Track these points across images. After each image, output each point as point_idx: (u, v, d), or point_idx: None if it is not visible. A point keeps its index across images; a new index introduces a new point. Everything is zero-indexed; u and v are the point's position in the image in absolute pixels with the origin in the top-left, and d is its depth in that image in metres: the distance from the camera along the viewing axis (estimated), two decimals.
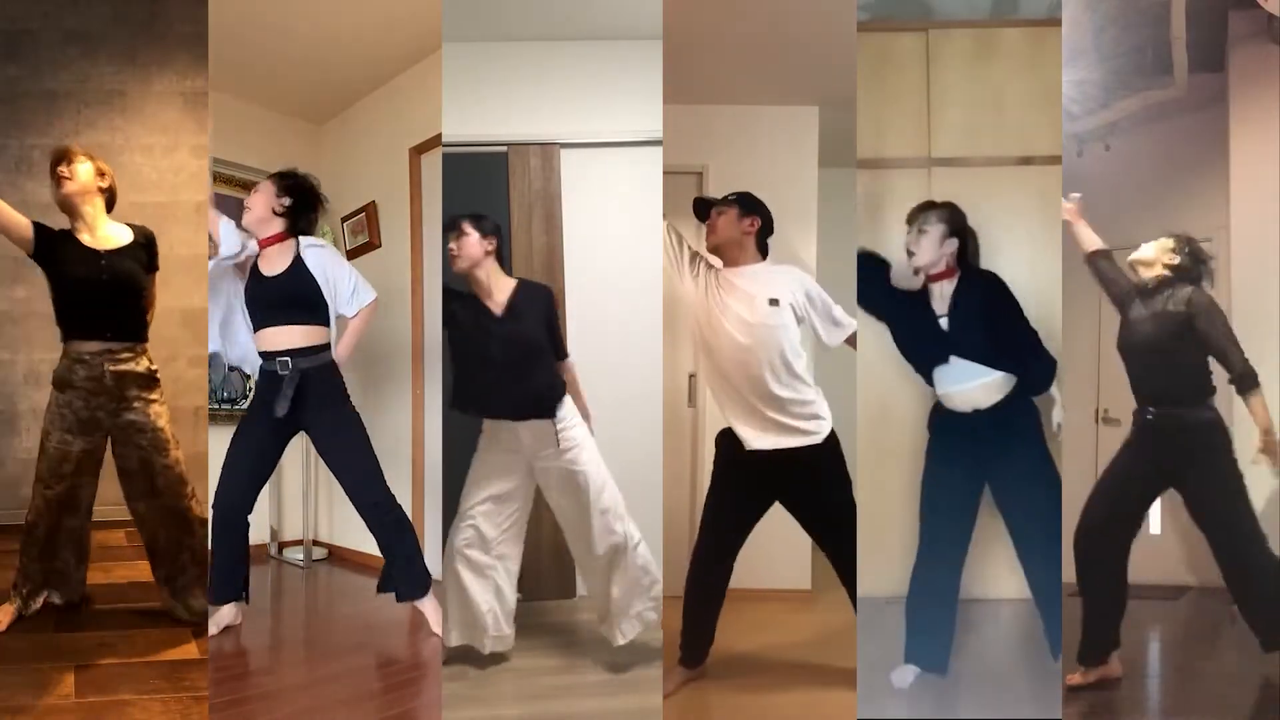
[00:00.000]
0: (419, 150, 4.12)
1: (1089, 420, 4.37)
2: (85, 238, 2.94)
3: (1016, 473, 2.77)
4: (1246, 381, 2.80)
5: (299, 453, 4.29)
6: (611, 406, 3.74)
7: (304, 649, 3.39)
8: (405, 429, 4.14)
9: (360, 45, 3.93)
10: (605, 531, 2.87)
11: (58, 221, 2.98)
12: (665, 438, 3.68)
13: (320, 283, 3.05)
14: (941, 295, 2.84)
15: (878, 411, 3.32)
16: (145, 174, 4.28)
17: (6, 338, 4.24)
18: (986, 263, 3.09)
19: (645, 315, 3.61)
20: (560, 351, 2.99)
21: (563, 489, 2.91)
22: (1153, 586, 3.93)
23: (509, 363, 2.82)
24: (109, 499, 3.01)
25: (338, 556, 4.49)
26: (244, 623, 3.18)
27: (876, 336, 3.03)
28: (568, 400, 2.92)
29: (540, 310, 2.91)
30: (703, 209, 2.87)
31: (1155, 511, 4.12)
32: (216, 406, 4.35)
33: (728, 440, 2.82)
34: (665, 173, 3.55)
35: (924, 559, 2.82)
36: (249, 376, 4.51)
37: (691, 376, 3.92)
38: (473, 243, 2.89)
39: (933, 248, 2.82)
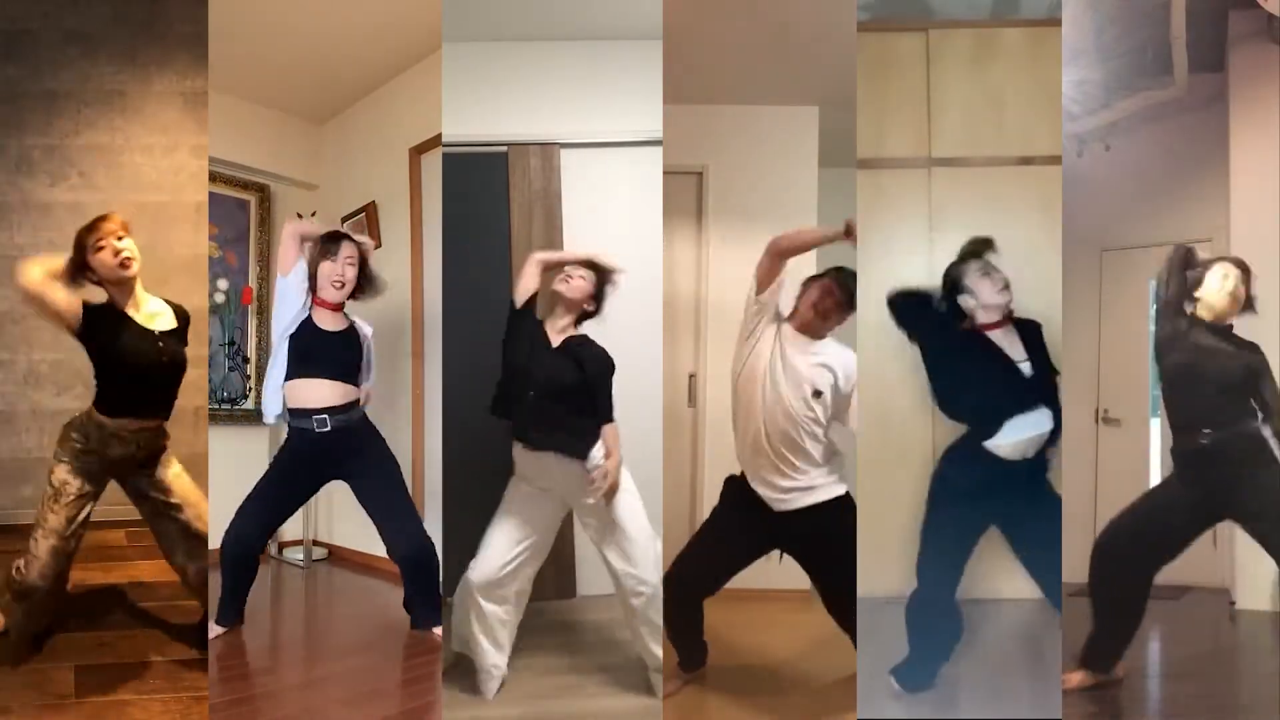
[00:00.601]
0: (419, 150, 4.11)
1: (1089, 420, 4.37)
2: (136, 315, 2.77)
3: (1026, 512, 2.76)
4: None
5: None
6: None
7: (304, 649, 3.39)
8: (405, 429, 4.14)
9: (360, 45, 3.93)
10: (637, 582, 2.78)
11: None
12: (665, 438, 3.68)
13: (363, 351, 3.16)
14: (1008, 342, 2.76)
15: (878, 412, 3.32)
16: (145, 174, 4.28)
17: (6, 338, 4.24)
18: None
19: (645, 315, 3.61)
20: (604, 414, 2.82)
21: (601, 535, 2.82)
22: (1153, 586, 3.93)
23: (549, 394, 2.76)
24: (110, 499, 3.00)
25: (338, 556, 4.49)
26: (244, 623, 3.18)
27: (877, 337, 3.03)
28: (599, 446, 2.78)
29: (591, 364, 2.80)
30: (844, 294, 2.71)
31: None
32: (216, 406, 4.36)
33: (737, 487, 2.80)
34: (665, 173, 3.55)
35: (927, 586, 2.77)
36: (248, 377, 4.52)
37: (691, 377, 3.92)
38: (587, 286, 2.87)
39: (993, 292, 2.75)
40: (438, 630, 3.16)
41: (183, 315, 2.89)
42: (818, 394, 2.67)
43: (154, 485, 2.82)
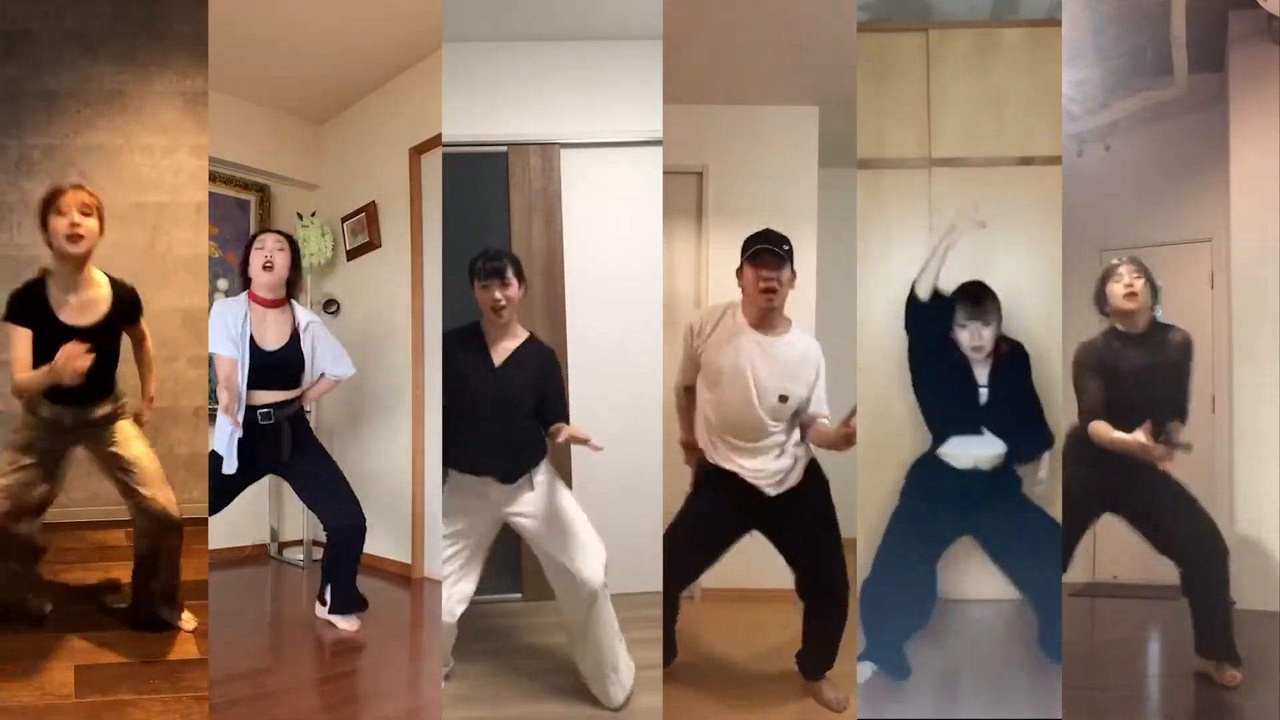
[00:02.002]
0: (419, 150, 4.11)
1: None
2: (67, 305, 2.76)
3: (1002, 527, 2.85)
4: (1183, 412, 2.87)
5: None
6: (611, 407, 3.74)
7: (303, 649, 3.39)
8: (405, 430, 4.14)
9: (360, 45, 3.93)
10: (582, 583, 2.71)
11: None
12: (665, 438, 3.68)
13: (308, 359, 3.23)
14: (982, 367, 2.89)
15: (878, 412, 3.31)
16: (145, 174, 4.27)
17: (4, 336, 4.24)
18: (986, 264, 3.10)
19: (645, 315, 3.61)
20: (557, 414, 2.77)
21: (537, 543, 2.79)
22: (1153, 586, 3.93)
23: (495, 414, 2.70)
24: (109, 499, 3.00)
25: None
26: (243, 622, 3.18)
27: (876, 337, 3.03)
28: (543, 465, 2.79)
29: (535, 370, 2.77)
30: (766, 257, 2.64)
31: None
32: (215, 406, 4.35)
33: (711, 471, 2.80)
34: (665, 173, 3.55)
35: (879, 571, 2.86)
36: None
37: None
38: (515, 295, 2.74)
39: (991, 338, 2.86)
40: (342, 623, 3.22)
41: (123, 294, 2.88)
42: (783, 399, 2.68)
43: (106, 457, 2.85)
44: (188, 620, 2.95)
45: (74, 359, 2.60)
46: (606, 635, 2.73)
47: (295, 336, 3.21)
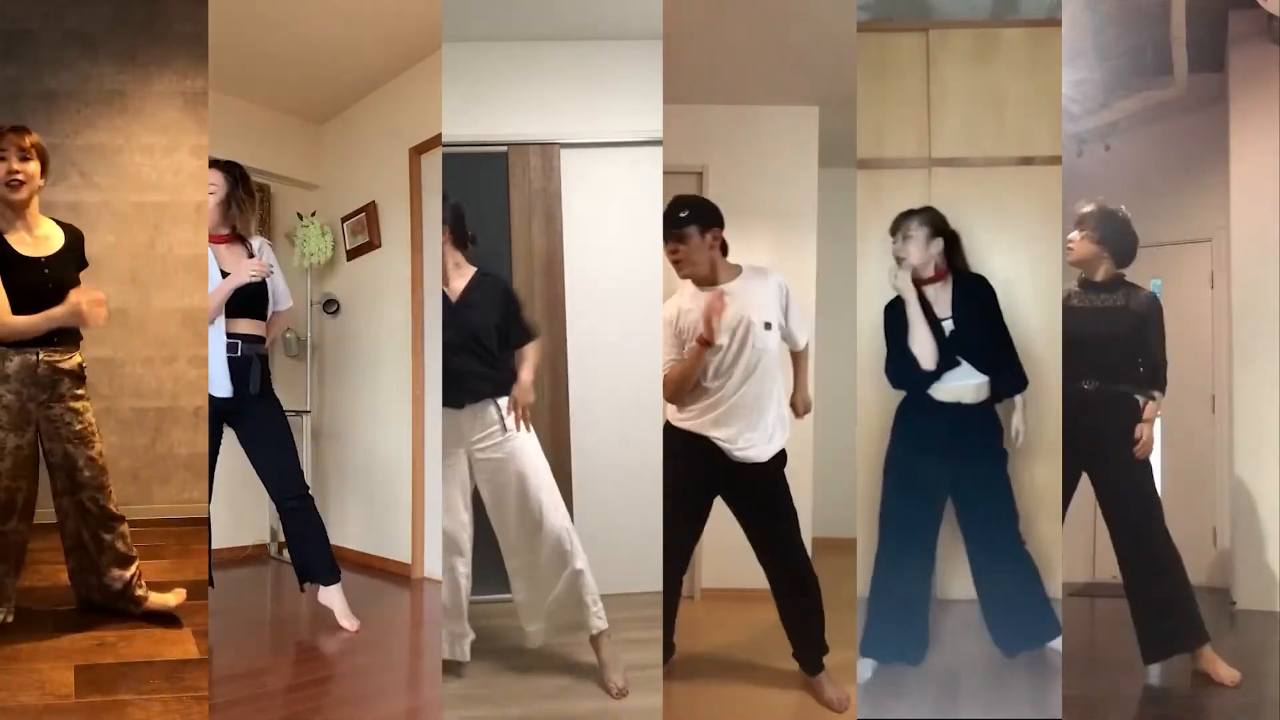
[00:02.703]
0: (419, 150, 4.11)
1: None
2: (22, 241, 2.78)
3: (976, 477, 2.87)
4: (1160, 383, 2.95)
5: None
6: (611, 406, 3.75)
7: (303, 649, 3.39)
8: (405, 430, 4.14)
9: (360, 45, 3.93)
10: (547, 535, 2.81)
11: None
12: (665, 444, 3.68)
13: (269, 287, 3.24)
14: (938, 299, 2.90)
15: (877, 412, 3.31)
16: (145, 174, 4.28)
17: None
18: (985, 264, 3.10)
19: (645, 314, 3.61)
20: (517, 339, 2.94)
21: (496, 483, 2.86)
22: None
23: (456, 349, 2.83)
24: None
25: (337, 556, 4.48)
26: (243, 622, 3.18)
27: (877, 340, 3.03)
28: (510, 392, 2.87)
29: (491, 300, 2.90)
30: (668, 232, 2.74)
31: None
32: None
33: (673, 433, 2.82)
34: (665, 173, 3.54)
35: (889, 551, 2.87)
36: None
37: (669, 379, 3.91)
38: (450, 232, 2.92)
39: (920, 250, 2.90)
40: (327, 591, 3.26)
41: (73, 234, 2.91)
42: (768, 325, 2.72)
43: (60, 419, 2.84)
44: (156, 600, 2.98)
45: (98, 303, 2.74)
46: (572, 603, 2.82)
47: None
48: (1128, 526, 2.91)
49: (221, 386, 3.09)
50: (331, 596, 3.27)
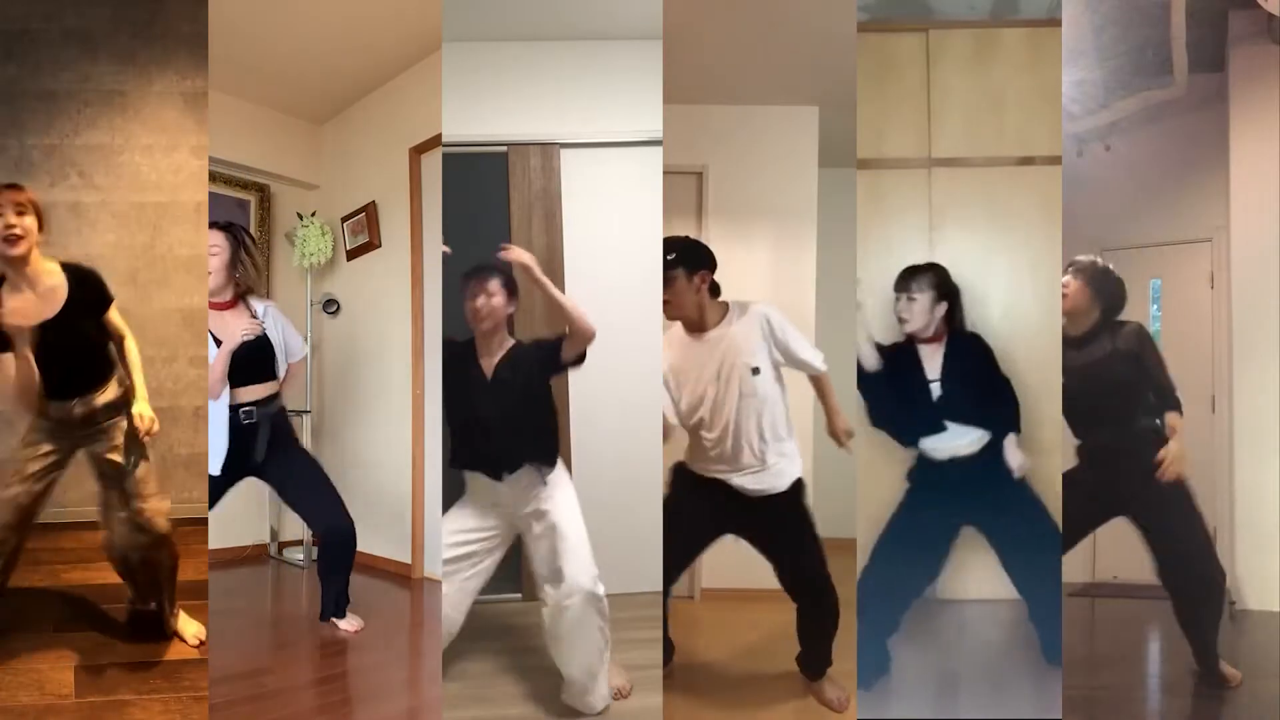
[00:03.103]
0: (419, 150, 4.11)
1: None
2: (23, 301, 2.66)
3: (999, 508, 2.82)
4: (1172, 403, 2.87)
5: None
6: (611, 406, 3.75)
7: (303, 649, 3.39)
8: (405, 430, 4.14)
9: (360, 45, 3.93)
10: (575, 579, 2.67)
11: None
12: (666, 438, 3.68)
13: (275, 345, 3.22)
14: (931, 359, 2.89)
15: None
16: (145, 174, 4.27)
17: None
18: (986, 264, 3.10)
19: (645, 315, 3.61)
20: (556, 367, 2.81)
21: (536, 536, 2.78)
22: (1153, 586, 3.92)
23: (497, 423, 2.73)
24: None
25: None
26: (243, 622, 3.18)
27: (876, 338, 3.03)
28: (558, 466, 2.80)
29: (530, 367, 2.77)
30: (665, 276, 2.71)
31: None
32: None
33: (684, 473, 2.81)
34: (665, 173, 3.55)
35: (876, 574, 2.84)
36: None
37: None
38: (500, 305, 2.77)
39: (924, 314, 2.87)
40: (344, 624, 3.25)
41: (79, 279, 2.74)
42: (756, 370, 2.67)
43: (107, 461, 2.77)
44: (192, 635, 2.89)
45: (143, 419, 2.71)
46: (590, 643, 2.68)
47: (263, 335, 3.21)
48: (1180, 558, 2.84)
49: (217, 465, 3.06)
50: (344, 622, 3.30)
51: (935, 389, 2.85)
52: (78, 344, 2.72)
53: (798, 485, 2.76)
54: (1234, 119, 3.98)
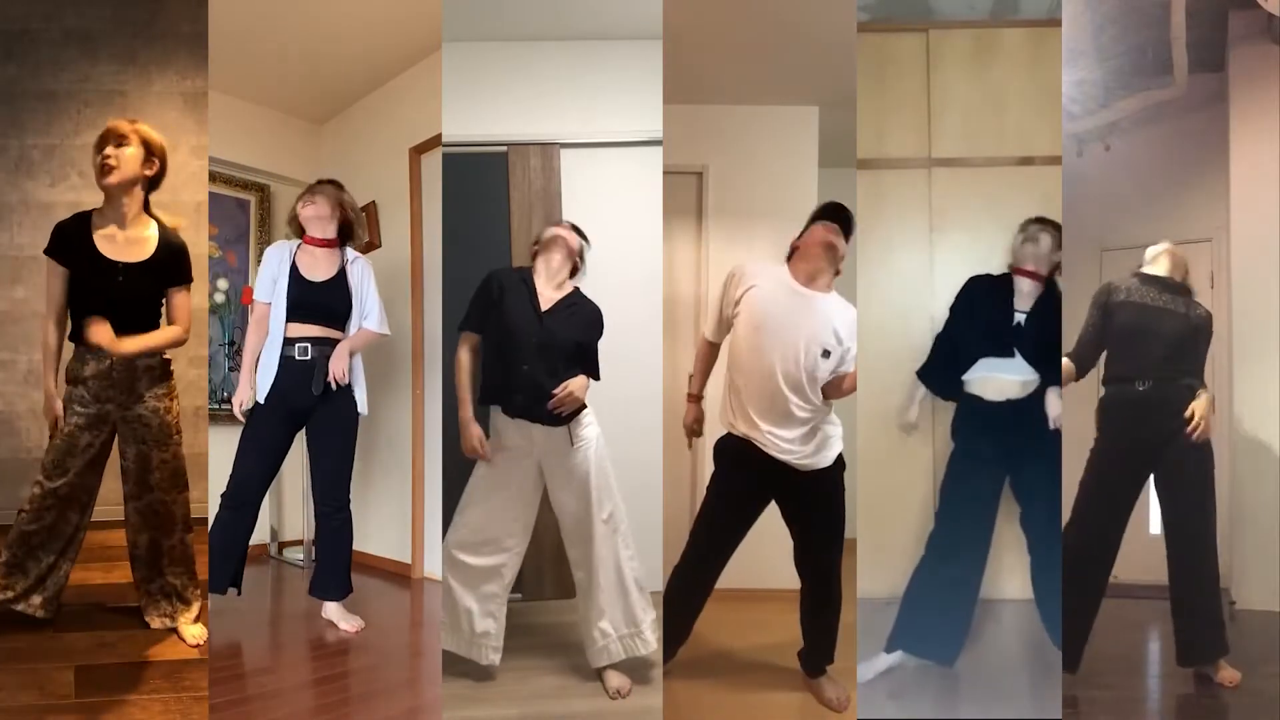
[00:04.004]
0: (419, 150, 4.11)
1: (1090, 419, 4.36)
2: (110, 239, 2.76)
3: (1035, 462, 2.90)
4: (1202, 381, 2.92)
5: (299, 454, 4.28)
6: (611, 406, 3.74)
7: (304, 649, 3.39)
8: (405, 430, 4.14)
9: (360, 45, 3.93)
10: (605, 538, 2.84)
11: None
12: (665, 438, 3.68)
13: (355, 299, 3.27)
14: (1025, 293, 3.00)
15: (878, 413, 3.32)
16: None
17: (7, 337, 4.24)
18: (986, 264, 3.11)
19: (645, 315, 3.61)
20: (589, 370, 2.93)
21: (567, 487, 2.87)
22: (1153, 586, 3.92)
23: (539, 362, 2.79)
24: (110, 499, 3.00)
25: None
26: (243, 622, 3.18)
27: (878, 340, 3.03)
28: (587, 418, 2.89)
29: (584, 321, 2.90)
30: (839, 216, 2.76)
31: (1155, 512, 4.12)
32: (216, 406, 4.35)
33: (732, 445, 2.80)
34: (665, 173, 3.55)
35: (940, 548, 2.89)
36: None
37: (691, 377, 3.91)
38: (573, 242, 2.95)
39: (1041, 259, 3.00)
40: (344, 624, 3.26)
41: (172, 244, 2.83)
42: (826, 354, 2.67)
43: (139, 420, 2.80)
44: (192, 637, 2.90)
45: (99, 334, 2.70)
46: (615, 580, 2.82)
47: (342, 273, 3.28)
48: (1185, 523, 2.88)
49: (263, 393, 3.13)
50: (330, 609, 3.29)
51: (1019, 318, 2.96)
52: (135, 302, 2.78)
53: (839, 462, 2.76)
54: (1234, 119, 3.98)
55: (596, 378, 2.94)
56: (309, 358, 3.16)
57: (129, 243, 2.77)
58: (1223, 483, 4.01)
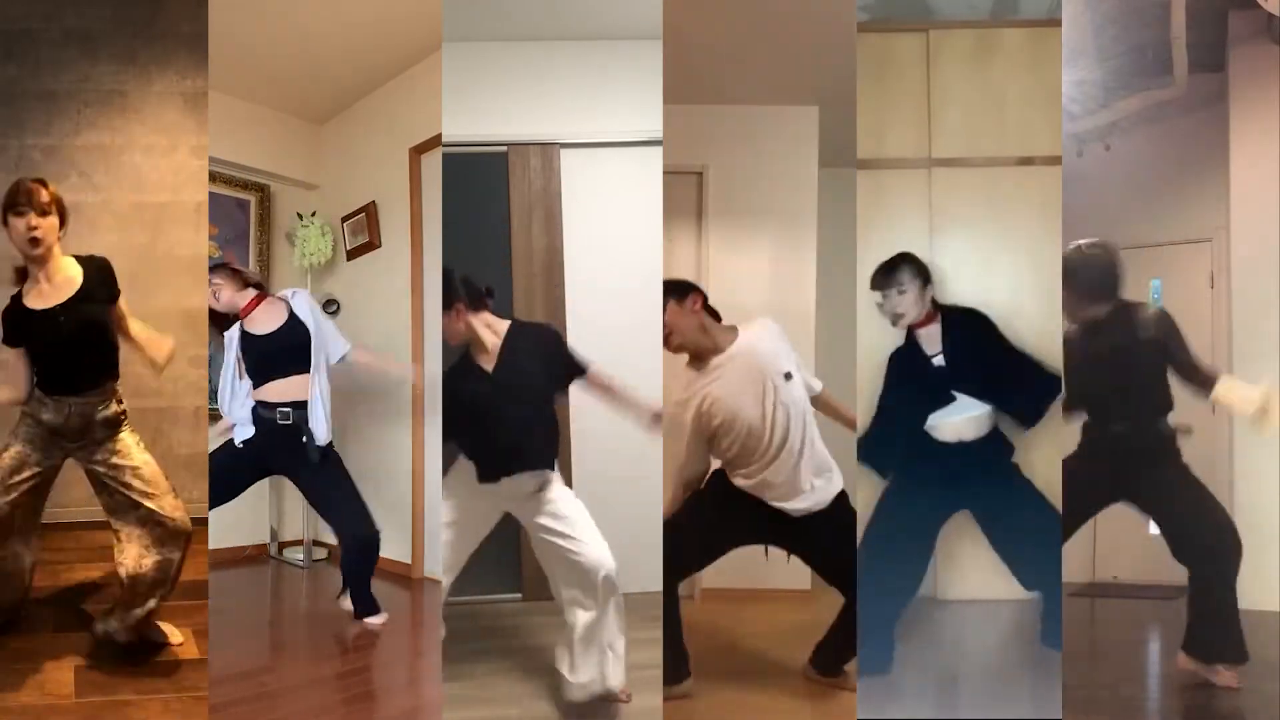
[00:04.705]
0: (419, 150, 4.11)
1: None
2: (39, 291, 2.68)
3: (998, 500, 2.84)
4: (1211, 379, 2.84)
5: None
6: (611, 405, 3.74)
7: (304, 649, 3.39)
8: (405, 430, 4.14)
9: (360, 45, 3.93)
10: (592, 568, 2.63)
11: None
12: (665, 438, 3.68)
13: (311, 331, 3.24)
14: (930, 338, 2.90)
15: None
16: (145, 174, 4.27)
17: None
18: (987, 264, 3.10)
19: (645, 315, 3.61)
20: (568, 379, 2.81)
21: (542, 547, 2.73)
22: (1153, 586, 3.92)
23: (501, 416, 2.64)
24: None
25: (338, 557, 4.49)
26: (243, 622, 3.18)
27: (877, 340, 3.03)
28: (554, 465, 2.76)
29: (535, 353, 2.72)
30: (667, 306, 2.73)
31: None
32: (216, 406, 4.35)
33: (724, 481, 2.78)
34: (665, 173, 3.54)
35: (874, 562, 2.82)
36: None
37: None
38: (462, 316, 2.66)
39: (915, 302, 2.87)
40: (374, 620, 3.27)
41: (94, 269, 2.75)
42: (788, 376, 2.67)
43: (109, 468, 2.71)
44: (174, 634, 2.86)
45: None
46: (611, 632, 2.68)
47: (291, 315, 3.25)
48: (1191, 528, 2.84)
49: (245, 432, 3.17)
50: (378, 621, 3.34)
51: (937, 362, 2.86)
52: (85, 334, 2.71)
53: (841, 499, 2.74)
54: (1234, 119, 3.98)
55: (583, 372, 2.82)
56: (290, 422, 3.16)
57: (56, 288, 2.69)
58: (1223, 483, 4.02)
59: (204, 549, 3.37)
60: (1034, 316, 3.15)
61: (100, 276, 2.76)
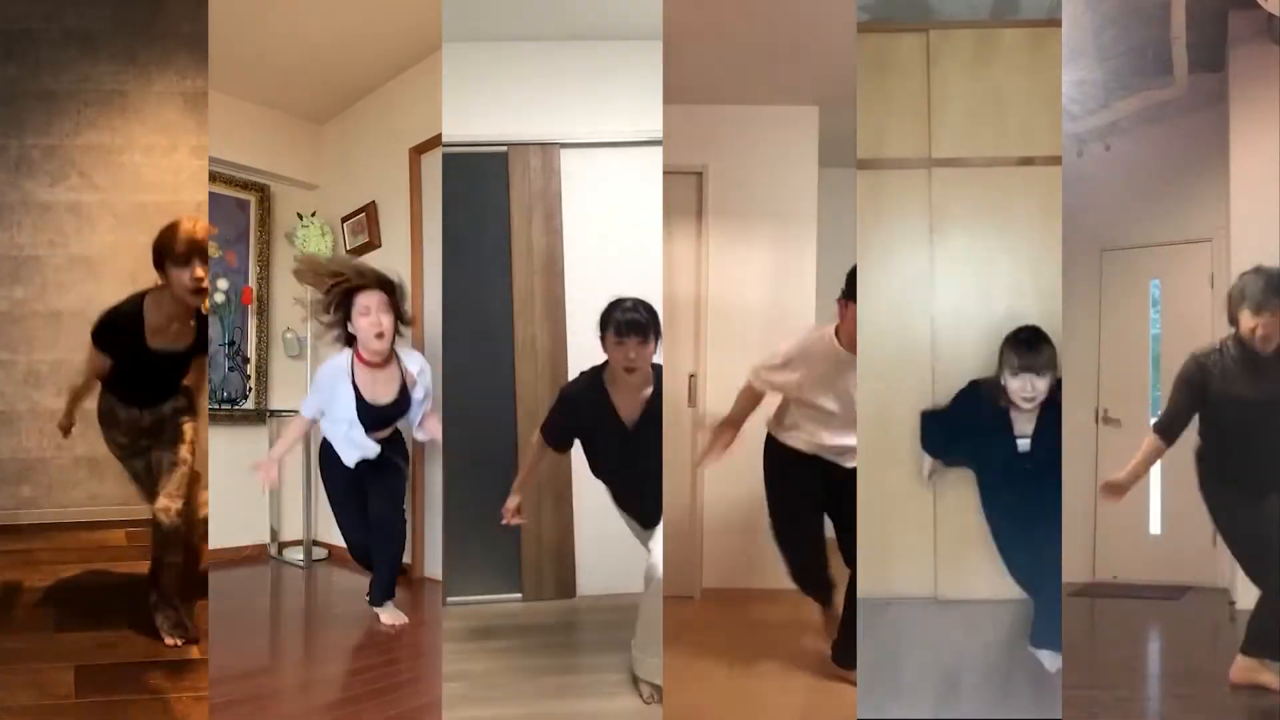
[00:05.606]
0: (419, 150, 4.11)
1: (1089, 420, 4.37)
2: (161, 333, 2.87)
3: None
4: None
5: (298, 455, 4.28)
6: None
7: (304, 649, 3.39)
8: (405, 430, 4.13)
9: (360, 45, 3.93)
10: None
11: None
12: (665, 438, 3.68)
13: (415, 405, 3.31)
14: (1020, 419, 2.90)
15: (877, 415, 3.31)
16: (145, 174, 4.28)
17: (6, 338, 4.24)
18: (987, 264, 3.10)
19: None
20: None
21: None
22: (1153, 586, 3.93)
23: (635, 475, 2.94)
24: (113, 499, 3.00)
25: (338, 557, 4.48)
26: (243, 622, 3.18)
27: (878, 340, 3.03)
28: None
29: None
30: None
31: (1155, 512, 4.13)
32: (217, 406, 4.35)
33: (776, 452, 2.91)
34: (665, 173, 3.55)
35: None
36: (248, 376, 4.52)
37: (691, 377, 3.92)
38: (650, 351, 2.80)
39: (1046, 389, 2.84)
40: (385, 617, 3.35)
41: (202, 324, 2.94)
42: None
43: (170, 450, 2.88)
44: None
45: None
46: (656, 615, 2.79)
47: (404, 390, 3.29)
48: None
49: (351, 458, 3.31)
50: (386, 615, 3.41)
51: (1022, 445, 2.88)
52: (169, 366, 2.89)
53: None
54: (1234, 119, 3.98)
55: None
56: (377, 456, 3.32)
57: (177, 333, 2.87)
58: None
59: (204, 549, 3.37)
60: (1034, 317, 3.15)
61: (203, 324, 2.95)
